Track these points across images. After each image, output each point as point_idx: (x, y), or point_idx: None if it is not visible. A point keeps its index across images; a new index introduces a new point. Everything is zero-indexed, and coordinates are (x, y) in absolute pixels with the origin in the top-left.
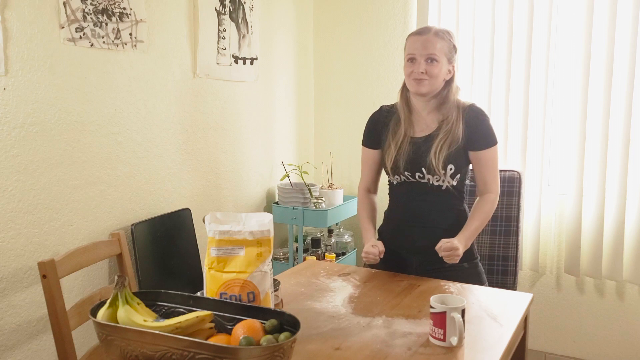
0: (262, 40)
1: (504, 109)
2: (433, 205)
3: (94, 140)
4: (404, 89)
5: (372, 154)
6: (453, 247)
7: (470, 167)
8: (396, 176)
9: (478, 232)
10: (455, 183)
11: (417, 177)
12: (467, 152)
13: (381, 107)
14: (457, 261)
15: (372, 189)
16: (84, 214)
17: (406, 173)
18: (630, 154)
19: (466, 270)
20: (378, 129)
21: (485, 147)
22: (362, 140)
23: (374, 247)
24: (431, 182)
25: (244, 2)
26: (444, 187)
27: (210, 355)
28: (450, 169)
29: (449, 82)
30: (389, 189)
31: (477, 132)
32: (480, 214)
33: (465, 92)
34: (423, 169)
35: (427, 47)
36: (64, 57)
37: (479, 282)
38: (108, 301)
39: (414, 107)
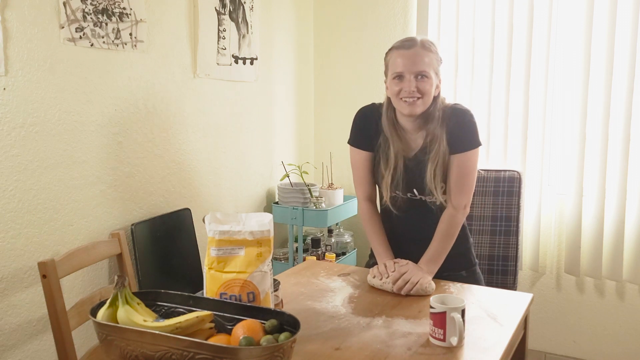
0: (262, 40)
1: (504, 109)
2: (426, 219)
3: (94, 140)
4: (389, 109)
5: (365, 156)
6: (405, 280)
7: None
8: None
9: (444, 253)
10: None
11: (408, 195)
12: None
13: (373, 105)
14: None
15: (374, 196)
16: (84, 214)
17: (397, 192)
18: (630, 154)
19: (464, 279)
20: (370, 128)
21: (457, 150)
22: (351, 140)
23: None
24: (423, 199)
25: (244, 2)
26: (437, 203)
27: (210, 355)
28: (442, 188)
29: (435, 98)
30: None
31: (454, 135)
32: (438, 235)
33: (465, 93)
34: (415, 190)
35: (416, 63)
36: (64, 57)
37: None
38: (108, 301)
39: (400, 126)
